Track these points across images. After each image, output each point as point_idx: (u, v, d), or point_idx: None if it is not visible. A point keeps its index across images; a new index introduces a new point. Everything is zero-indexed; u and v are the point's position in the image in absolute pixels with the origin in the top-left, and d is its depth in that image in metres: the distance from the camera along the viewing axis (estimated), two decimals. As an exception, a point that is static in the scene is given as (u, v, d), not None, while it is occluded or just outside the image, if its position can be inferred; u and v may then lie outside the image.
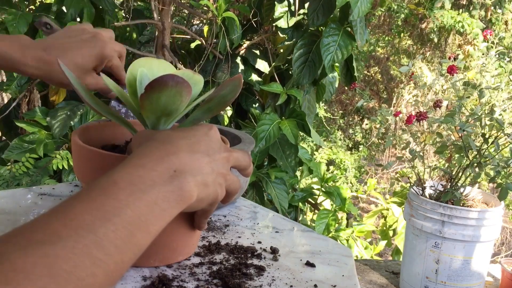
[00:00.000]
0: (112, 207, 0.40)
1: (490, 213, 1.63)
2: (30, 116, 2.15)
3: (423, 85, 1.80)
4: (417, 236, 1.71)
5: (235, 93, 0.61)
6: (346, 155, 5.77)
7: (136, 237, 0.40)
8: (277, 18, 2.44)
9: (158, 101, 0.54)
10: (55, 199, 0.83)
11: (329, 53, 2.22)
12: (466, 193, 1.74)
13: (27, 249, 0.33)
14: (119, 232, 0.39)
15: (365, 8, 2.14)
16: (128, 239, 0.39)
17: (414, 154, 1.73)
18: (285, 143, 2.42)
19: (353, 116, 6.95)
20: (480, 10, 5.67)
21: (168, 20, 2.27)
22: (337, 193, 2.69)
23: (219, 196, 0.53)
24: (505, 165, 1.59)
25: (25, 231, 0.35)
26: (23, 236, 0.35)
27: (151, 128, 0.60)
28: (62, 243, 0.35)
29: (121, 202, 0.41)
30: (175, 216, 0.46)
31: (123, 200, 0.41)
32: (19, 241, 0.34)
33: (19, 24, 1.92)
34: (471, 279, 1.67)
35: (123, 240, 0.39)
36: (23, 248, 0.33)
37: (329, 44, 2.23)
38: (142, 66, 0.61)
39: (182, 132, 0.52)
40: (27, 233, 0.35)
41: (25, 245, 0.34)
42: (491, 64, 1.67)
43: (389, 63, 6.95)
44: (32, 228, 0.36)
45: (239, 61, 2.60)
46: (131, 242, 0.40)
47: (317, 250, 0.72)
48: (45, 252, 0.34)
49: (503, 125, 1.57)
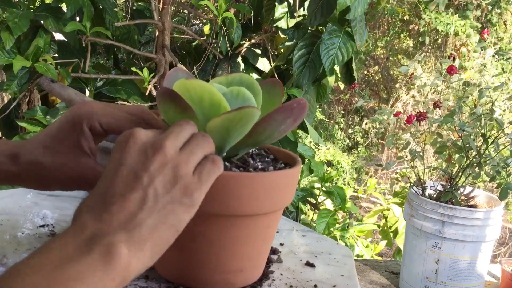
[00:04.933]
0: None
1: (490, 213, 1.63)
2: (30, 115, 2.14)
3: (422, 85, 1.80)
4: (417, 236, 1.71)
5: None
6: (343, 157, 5.76)
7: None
8: (278, 18, 2.44)
9: (263, 132, 0.51)
10: (55, 199, 0.83)
11: (329, 56, 2.21)
12: (466, 193, 1.74)
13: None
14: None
15: (362, 8, 2.14)
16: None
17: (414, 154, 1.73)
18: (284, 140, 2.43)
19: (353, 116, 6.95)
20: (476, 10, 5.66)
21: (168, 20, 2.27)
22: (337, 193, 2.69)
23: (193, 206, 0.42)
24: (505, 165, 1.59)
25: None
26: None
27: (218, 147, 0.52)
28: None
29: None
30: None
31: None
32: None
33: (21, 22, 1.92)
34: (471, 279, 1.67)
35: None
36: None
37: (328, 47, 2.22)
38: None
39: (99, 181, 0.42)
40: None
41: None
42: (491, 63, 1.67)
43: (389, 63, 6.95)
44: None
45: (239, 60, 2.60)
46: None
47: (317, 250, 0.72)
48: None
49: (503, 125, 1.57)
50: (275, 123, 0.50)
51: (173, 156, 0.42)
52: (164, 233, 0.40)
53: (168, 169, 0.41)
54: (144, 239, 0.39)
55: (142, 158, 0.41)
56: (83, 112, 0.54)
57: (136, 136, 0.42)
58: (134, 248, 0.38)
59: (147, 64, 2.63)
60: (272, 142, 0.54)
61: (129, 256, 0.37)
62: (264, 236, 0.57)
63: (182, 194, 0.41)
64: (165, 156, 0.41)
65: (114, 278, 0.36)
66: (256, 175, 0.52)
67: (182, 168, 0.42)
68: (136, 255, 0.38)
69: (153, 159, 0.41)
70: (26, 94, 2.26)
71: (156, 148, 0.42)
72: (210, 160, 0.44)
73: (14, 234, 0.68)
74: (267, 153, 0.61)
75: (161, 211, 0.40)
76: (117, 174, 0.41)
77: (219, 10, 2.14)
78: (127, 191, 0.40)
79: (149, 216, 0.39)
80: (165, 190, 0.41)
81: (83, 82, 2.23)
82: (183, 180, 0.42)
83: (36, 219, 0.74)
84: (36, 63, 1.93)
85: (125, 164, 0.41)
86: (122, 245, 0.37)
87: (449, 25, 5.24)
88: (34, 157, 0.54)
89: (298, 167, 0.56)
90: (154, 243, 0.39)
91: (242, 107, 0.47)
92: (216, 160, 0.45)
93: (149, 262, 0.40)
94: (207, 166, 0.44)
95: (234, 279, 0.56)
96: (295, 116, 0.51)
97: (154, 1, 2.24)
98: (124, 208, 0.39)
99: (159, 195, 0.40)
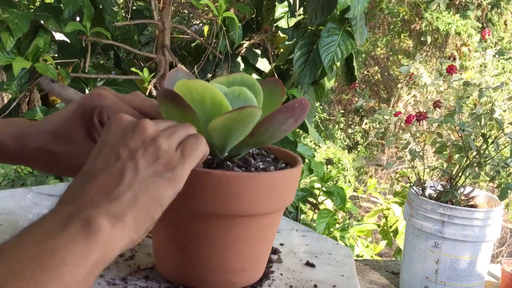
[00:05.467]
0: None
1: (490, 213, 1.63)
2: (30, 115, 2.15)
3: (423, 86, 1.80)
4: (417, 236, 1.71)
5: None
6: (344, 154, 5.77)
7: None
8: (278, 18, 2.44)
9: (265, 132, 0.51)
10: (56, 199, 0.83)
11: (328, 53, 2.22)
12: (466, 193, 1.74)
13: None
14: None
15: (362, 7, 2.15)
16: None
17: (414, 154, 1.74)
18: (284, 140, 2.43)
19: (353, 116, 6.95)
20: (477, 10, 5.66)
21: (169, 20, 2.27)
22: (337, 193, 2.69)
23: (175, 180, 0.42)
24: (505, 165, 1.59)
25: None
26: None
27: (219, 150, 0.53)
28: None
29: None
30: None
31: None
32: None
33: (21, 23, 1.92)
34: (471, 279, 1.67)
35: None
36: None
37: (328, 44, 2.23)
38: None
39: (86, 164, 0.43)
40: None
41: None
42: (491, 63, 1.67)
43: (389, 63, 6.95)
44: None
45: (239, 60, 2.60)
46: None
47: (317, 250, 0.72)
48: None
49: (502, 125, 1.57)
50: (277, 123, 0.50)
51: (154, 133, 0.43)
52: (145, 206, 0.40)
53: (149, 144, 0.42)
54: (124, 211, 0.39)
55: (122, 136, 0.42)
56: (93, 105, 0.55)
57: (120, 118, 0.44)
58: (115, 219, 0.38)
59: (147, 64, 2.63)
60: (273, 142, 0.54)
61: (109, 227, 0.37)
62: (265, 236, 0.57)
63: (164, 168, 0.42)
64: (145, 132, 0.43)
65: (95, 250, 0.36)
66: (258, 175, 0.52)
67: (163, 143, 0.43)
68: (117, 227, 0.38)
69: (133, 135, 0.42)
70: (26, 94, 2.26)
71: (137, 125, 0.43)
72: (193, 136, 0.45)
73: (14, 234, 0.68)
74: (268, 153, 0.61)
75: (141, 184, 0.40)
76: (99, 153, 0.42)
77: (219, 10, 2.14)
78: (106, 167, 0.41)
79: (129, 189, 0.40)
80: (146, 164, 0.41)
81: (83, 82, 2.23)
82: (164, 155, 0.42)
83: (36, 219, 0.74)
84: (36, 63, 1.93)
85: (107, 142, 0.42)
86: (101, 216, 0.37)
87: (450, 24, 5.24)
88: (42, 144, 0.55)
89: (299, 167, 0.56)
90: (136, 215, 0.39)
91: (244, 107, 0.47)
92: (200, 136, 0.45)
93: (133, 235, 0.39)
94: (189, 140, 0.44)
95: (235, 279, 0.56)
96: (297, 116, 0.51)
97: (154, 1, 2.24)
98: (103, 182, 0.40)
99: (139, 167, 0.41)
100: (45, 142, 0.55)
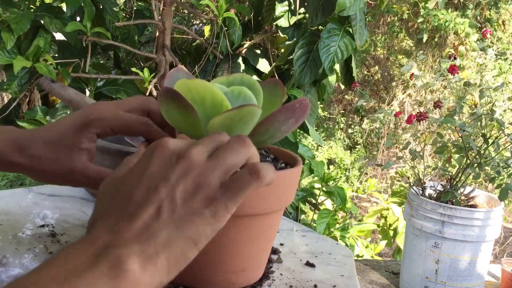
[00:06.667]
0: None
1: (490, 213, 1.63)
2: (30, 116, 2.15)
3: (423, 86, 1.80)
4: (417, 236, 1.71)
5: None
6: (346, 154, 5.77)
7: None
8: (278, 17, 2.44)
9: (266, 132, 0.51)
10: (56, 199, 0.83)
11: (328, 54, 2.22)
12: (466, 193, 1.74)
13: None
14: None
15: (358, 6, 2.15)
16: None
17: (414, 154, 1.73)
18: (285, 141, 2.43)
19: (353, 116, 6.95)
20: (475, 9, 5.66)
21: (169, 20, 2.27)
22: (337, 193, 2.69)
23: (215, 219, 0.38)
24: (505, 165, 1.59)
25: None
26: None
27: None
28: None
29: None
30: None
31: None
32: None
33: (21, 23, 1.92)
34: (471, 279, 1.67)
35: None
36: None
37: (328, 45, 2.23)
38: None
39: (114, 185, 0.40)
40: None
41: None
42: (491, 62, 1.67)
43: (389, 63, 6.95)
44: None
45: (240, 61, 2.60)
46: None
47: (317, 250, 0.72)
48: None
49: (503, 125, 1.57)
50: (278, 123, 0.50)
51: (198, 164, 0.39)
52: (180, 246, 0.37)
53: (190, 177, 0.38)
54: (158, 251, 0.36)
55: (165, 167, 0.39)
56: (93, 119, 0.55)
57: (163, 146, 0.40)
58: (146, 261, 0.35)
59: (147, 64, 2.63)
60: (273, 142, 0.54)
61: (139, 271, 0.35)
62: (265, 236, 0.56)
63: (203, 205, 0.38)
64: (189, 163, 0.38)
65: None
66: None
67: (206, 176, 0.38)
68: (147, 270, 0.35)
69: (176, 167, 0.38)
70: (26, 94, 2.26)
71: (181, 155, 0.39)
72: (248, 170, 0.39)
73: (14, 234, 0.68)
74: (267, 152, 0.61)
75: (178, 222, 0.37)
76: (139, 183, 0.39)
77: (220, 10, 2.14)
78: (144, 201, 0.37)
79: (165, 227, 0.37)
80: (184, 200, 0.38)
81: (83, 82, 2.23)
82: (205, 189, 0.38)
83: (36, 219, 0.74)
84: (37, 63, 1.93)
85: (148, 173, 0.39)
86: (132, 257, 0.35)
87: (447, 22, 5.24)
88: (38, 152, 0.56)
89: (299, 167, 0.56)
90: (169, 256, 0.37)
91: (243, 105, 0.47)
92: (257, 171, 0.39)
93: (164, 278, 0.37)
94: (242, 177, 0.39)
95: (236, 279, 0.56)
96: (298, 116, 0.51)
97: (154, 1, 2.24)
98: (140, 218, 0.37)
99: (177, 204, 0.37)
100: (41, 150, 0.56)
